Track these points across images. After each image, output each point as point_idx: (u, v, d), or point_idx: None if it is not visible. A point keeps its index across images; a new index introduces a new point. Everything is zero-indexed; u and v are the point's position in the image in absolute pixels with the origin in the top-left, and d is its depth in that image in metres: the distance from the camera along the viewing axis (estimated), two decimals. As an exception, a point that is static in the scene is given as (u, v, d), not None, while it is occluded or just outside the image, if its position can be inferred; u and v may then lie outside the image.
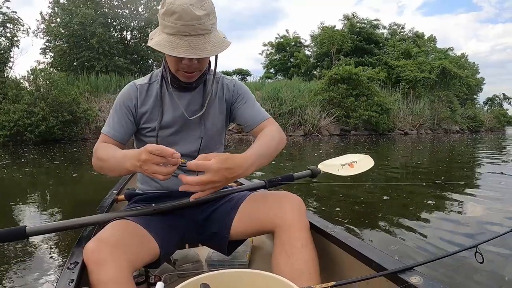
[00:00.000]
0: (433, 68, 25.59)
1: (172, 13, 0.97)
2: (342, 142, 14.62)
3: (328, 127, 19.64)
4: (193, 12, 0.97)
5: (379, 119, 20.30)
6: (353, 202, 3.70)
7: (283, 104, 18.59)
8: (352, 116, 19.81)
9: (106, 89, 17.03)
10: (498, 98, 55.47)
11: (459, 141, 16.39)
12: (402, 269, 0.85)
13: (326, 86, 20.29)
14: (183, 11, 0.96)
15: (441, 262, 0.94)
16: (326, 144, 13.41)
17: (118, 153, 1.04)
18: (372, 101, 20.38)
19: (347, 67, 20.94)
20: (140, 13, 21.42)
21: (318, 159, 1.43)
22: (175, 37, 0.99)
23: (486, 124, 33.00)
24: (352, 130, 20.32)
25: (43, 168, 6.94)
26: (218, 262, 1.47)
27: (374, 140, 15.80)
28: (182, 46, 0.98)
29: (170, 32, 0.99)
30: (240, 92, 1.30)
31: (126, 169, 0.98)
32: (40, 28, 20.12)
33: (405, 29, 34.87)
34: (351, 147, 11.93)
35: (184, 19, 0.97)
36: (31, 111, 12.22)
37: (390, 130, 21.85)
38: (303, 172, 1.49)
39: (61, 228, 1.09)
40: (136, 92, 1.20)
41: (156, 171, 0.88)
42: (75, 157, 9.12)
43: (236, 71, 35.95)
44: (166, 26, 1.00)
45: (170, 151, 0.88)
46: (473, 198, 3.86)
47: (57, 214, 3.34)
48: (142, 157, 0.88)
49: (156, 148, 0.87)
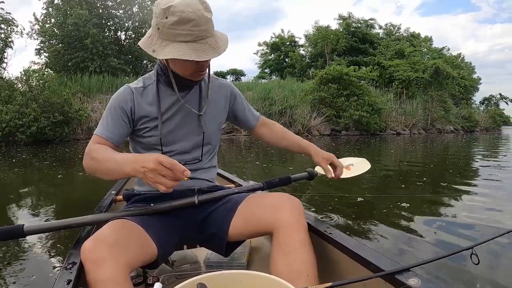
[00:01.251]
0: (426, 68, 25.45)
1: (187, 21, 0.98)
2: (333, 142, 14.52)
3: (319, 127, 19.58)
4: (205, 16, 1.00)
5: (370, 119, 20.19)
6: (348, 203, 3.72)
7: (274, 104, 18.58)
8: (342, 116, 19.76)
9: (98, 90, 17.07)
10: (495, 98, 55.43)
11: (452, 141, 16.37)
12: (399, 270, 0.86)
13: (317, 86, 20.22)
14: (199, 18, 0.99)
15: (437, 264, 0.95)
16: (316, 144, 13.40)
17: (117, 156, 1.04)
18: (363, 101, 20.28)
19: (337, 67, 20.88)
20: (135, 13, 21.36)
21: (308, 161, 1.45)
22: (195, 43, 1.01)
23: (481, 124, 32.92)
24: (343, 130, 20.24)
25: (34, 168, 7.01)
26: (216, 263, 1.47)
27: (366, 140, 15.70)
28: (204, 49, 1.01)
29: (188, 39, 1.00)
30: (236, 93, 1.38)
31: (125, 173, 0.98)
32: (34, 30, 20.10)
33: (400, 29, 34.93)
34: (341, 147, 11.84)
35: (201, 24, 0.99)
36: (22, 112, 12.29)
37: (382, 130, 21.73)
38: (301, 174, 1.51)
39: (59, 227, 1.08)
40: (131, 95, 1.20)
41: (160, 182, 0.88)
42: (66, 157, 9.15)
43: (230, 71, 35.84)
44: (180, 35, 0.99)
45: (182, 168, 0.89)
46: (468, 200, 3.89)
47: (42, 213, 3.34)
48: (150, 165, 0.88)
49: (168, 161, 0.88)
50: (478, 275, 1.90)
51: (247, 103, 1.44)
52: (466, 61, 42.93)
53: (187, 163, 1.21)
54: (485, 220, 3.08)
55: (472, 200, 3.88)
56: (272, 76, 35.19)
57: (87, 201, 3.87)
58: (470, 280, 1.86)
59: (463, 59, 42.10)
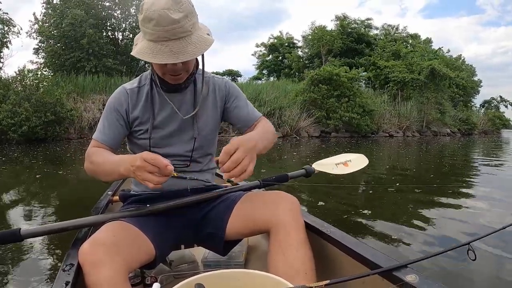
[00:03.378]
0: (422, 69, 24.74)
1: (149, 20, 0.96)
2: (323, 144, 14.23)
3: (308, 129, 19.23)
4: (170, 17, 0.94)
5: (361, 121, 19.71)
6: (344, 202, 3.72)
7: (263, 105, 18.33)
8: (332, 118, 19.30)
9: (92, 90, 17.20)
10: (495, 101, 54.31)
11: (446, 144, 16.08)
12: (396, 266, 0.86)
13: (307, 87, 19.82)
14: (160, 17, 0.94)
15: (434, 260, 0.95)
16: (304, 147, 13.02)
17: (114, 158, 1.05)
18: (354, 102, 19.81)
19: (328, 68, 20.49)
20: (132, 14, 21.47)
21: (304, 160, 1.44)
22: (155, 43, 0.98)
23: (479, 126, 31.62)
24: (332, 132, 19.85)
25: (24, 166, 7.14)
26: (214, 262, 1.47)
27: (356, 142, 15.43)
28: (164, 52, 0.97)
29: (151, 38, 0.98)
30: (233, 91, 1.31)
31: (120, 173, 1.01)
32: (33, 29, 20.35)
33: (399, 29, 34.51)
34: (329, 149, 11.44)
35: (162, 24, 0.95)
36: (15, 111, 12.58)
37: (374, 132, 21.22)
38: (298, 172, 1.50)
39: (56, 230, 1.07)
40: (126, 96, 1.20)
41: (147, 179, 0.92)
42: (56, 156, 9.28)
43: (226, 71, 35.63)
44: (146, 33, 0.99)
45: (164, 162, 0.90)
46: (465, 198, 3.91)
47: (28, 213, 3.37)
48: (136, 163, 0.92)
49: (151, 157, 0.91)
50: (475, 270, 1.91)
51: (247, 102, 1.34)
52: (467, 63, 41.84)
53: (180, 166, 1.20)
54: (482, 216, 3.10)
55: (468, 198, 3.91)
56: (270, 77, 34.91)
57: (72, 200, 3.94)
58: (467, 275, 1.88)
59: (463, 61, 41.11)
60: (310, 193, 4.08)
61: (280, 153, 9.29)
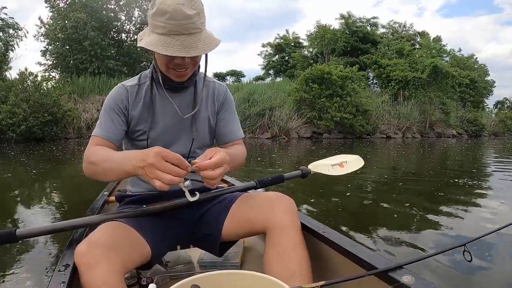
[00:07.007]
0: (425, 67, 23.13)
1: (163, 13, 0.97)
2: (313, 145, 13.50)
3: (298, 129, 18.56)
4: (184, 12, 0.97)
5: (354, 121, 18.79)
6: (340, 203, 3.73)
7: (255, 105, 18.16)
8: (323, 118, 18.45)
9: (92, 91, 17.76)
10: (509, 101, 49.41)
11: (449, 147, 14.63)
12: (392, 267, 0.86)
13: (300, 86, 19.12)
14: (175, 11, 0.96)
15: (430, 261, 0.96)
16: (292, 148, 12.39)
17: (117, 155, 1.02)
18: (346, 102, 18.80)
19: (319, 66, 19.80)
20: (136, 16, 22.47)
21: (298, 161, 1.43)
22: (167, 36, 0.99)
23: (488, 128, 29.50)
24: (325, 133, 18.97)
25: (21, 164, 7.32)
26: (210, 263, 1.47)
27: (349, 144, 14.63)
28: (175, 45, 0.98)
29: (162, 32, 0.99)
30: (228, 102, 1.32)
31: (125, 171, 0.98)
32: (39, 32, 21.36)
33: (406, 27, 32.83)
34: (318, 152, 10.49)
35: (176, 18, 0.97)
36: (14, 112, 13.31)
37: (370, 133, 20.11)
38: (294, 173, 1.50)
39: (52, 230, 1.07)
40: (126, 93, 1.19)
41: (160, 177, 0.87)
42: (53, 155, 9.44)
43: (229, 72, 35.35)
44: (157, 26, 1.00)
45: (187, 163, 0.89)
46: (462, 199, 3.92)
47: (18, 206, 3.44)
48: (149, 159, 0.88)
49: (173, 156, 0.88)
50: (471, 271, 1.92)
51: (236, 118, 1.35)
52: (480, 63, 38.90)
53: None
54: (478, 218, 3.11)
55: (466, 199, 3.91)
56: (277, 78, 33.97)
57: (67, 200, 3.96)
58: (463, 276, 1.88)
59: (476, 60, 38.33)
60: (304, 194, 4.09)
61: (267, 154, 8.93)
